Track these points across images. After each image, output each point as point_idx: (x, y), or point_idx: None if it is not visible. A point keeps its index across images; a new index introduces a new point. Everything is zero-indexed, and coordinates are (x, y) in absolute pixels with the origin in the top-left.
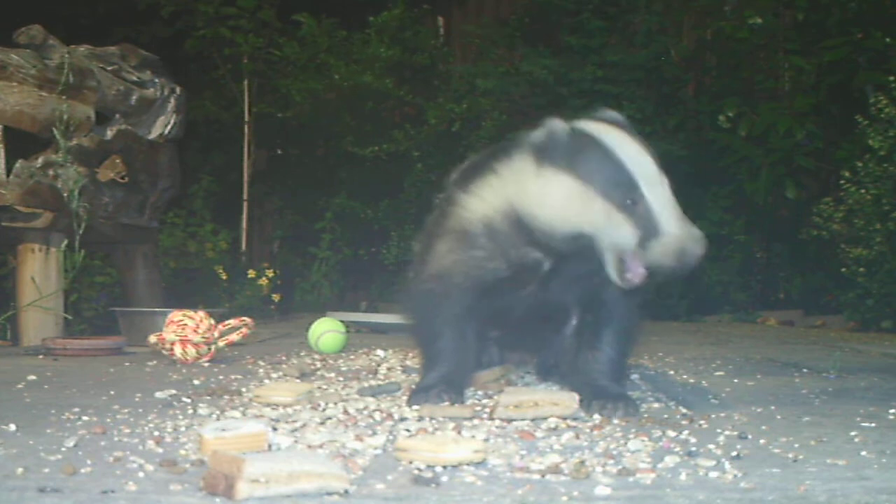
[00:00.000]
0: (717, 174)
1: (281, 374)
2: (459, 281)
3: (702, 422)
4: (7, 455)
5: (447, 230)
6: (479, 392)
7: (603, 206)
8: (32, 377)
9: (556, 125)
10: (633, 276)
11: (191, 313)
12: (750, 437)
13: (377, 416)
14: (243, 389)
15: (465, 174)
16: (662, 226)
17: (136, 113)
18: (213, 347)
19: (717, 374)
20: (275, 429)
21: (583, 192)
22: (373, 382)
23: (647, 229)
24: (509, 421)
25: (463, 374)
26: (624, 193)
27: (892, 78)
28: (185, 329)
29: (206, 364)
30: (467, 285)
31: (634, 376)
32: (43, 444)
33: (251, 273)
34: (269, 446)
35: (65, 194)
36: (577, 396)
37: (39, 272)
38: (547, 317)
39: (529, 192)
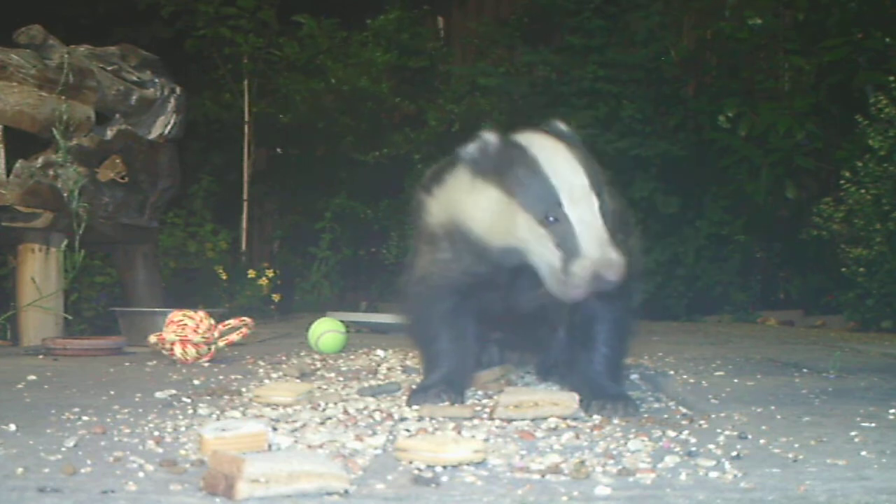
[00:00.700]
0: (717, 174)
1: (281, 374)
2: (439, 282)
3: (702, 422)
4: (7, 455)
5: (420, 232)
6: (479, 392)
7: (526, 220)
8: (32, 377)
9: (488, 137)
10: (573, 292)
11: (191, 313)
12: (750, 437)
13: (377, 416)
14: (243, 389)
15: (432, 178)
16: (579, 246)
17: (136, 113)
18: (213, 347)
19: (717, 374)
20: (275, 429)
21: (507, 205)
22: (373, 382)
23: (567, 248)
24: (509, 421)
25: (463, 374)
26: (545, 209)
27: (892, 78)
28: (185, 329)
29: (206, 364)
30: (445, 286)
31: (634, 376)
32: (43, 444)
33: (251, 273)
34: (269, 446)
35: (65, 194)
36: (577, 396)
37: (39, 272)
38: (538, 316)
39: (463, 204)
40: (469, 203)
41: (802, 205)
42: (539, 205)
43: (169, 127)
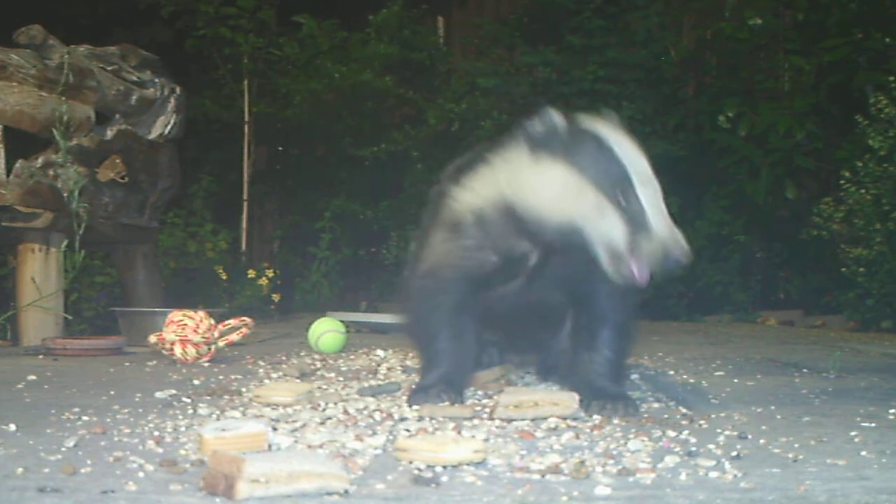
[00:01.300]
0: (717, 174)
1: (281, 374)
2: (450, 274)
3: (702, 422)
4: (7, 455)
5: (439, 222)
6: (479, 392)
7: (595, 199)
8: (32, 377)
9: (555, 116)
10: (636, 275)
11: (191, 313)
12: (750, 437)
13: (377, 416)
14: (243, 389)
15: (459, 169)
16: (651, 226)
17: (136, 113)
18: (213, 347)
19: (717, 374)
20: (275, 429)
21: (577, 183)
22: (373, 382)
23: (636, 227)
24: (509, 421)
25: (462, 374)
26: (617, 189)
27: (892, 78)
28: (185, 329)
29: (206, 364)
30: (458, 277)
31: (634, 376)
32: (43, 444)
33: (251, 273)
34: (269, 446)
35: (65, 194)
36: (577, 396)
37: (39, 272)
38: (542, 317)
39: (523, 180)
40: (530, 179)
41: (802, 205)
42: (611, 185)
43: (169, 127)
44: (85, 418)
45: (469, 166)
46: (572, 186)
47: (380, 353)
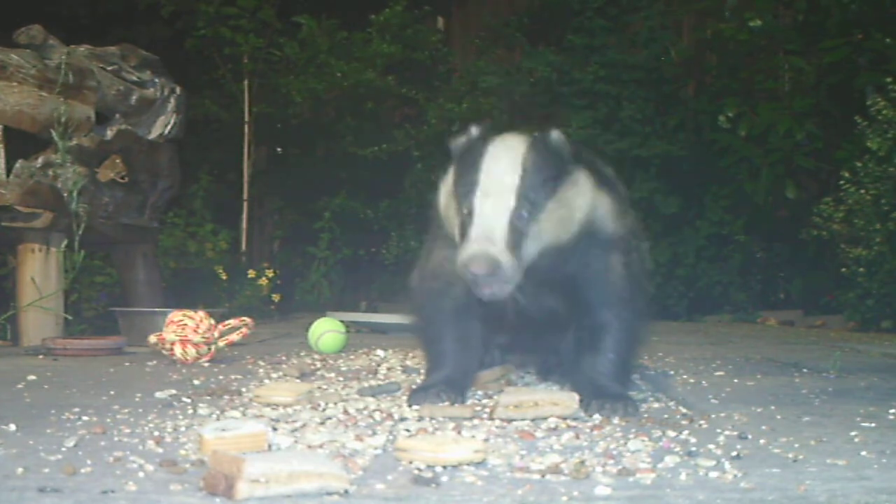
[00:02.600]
0: (717, 174)
1: (281, 374)
2: (449, 278)
3: (702, 422)
4: (7, 455)
5: (437, 227)
6: (479, 392)
7: (455, 210)
8: (32, 377)
9: (472, 131)
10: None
11: (191, 313)
12: (750, 437)
13: (377, 416)
14: (243, 389)
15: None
16: (466, 237)
17: (136, 113)
18: (213, 347)
19: (717, 374)
20: (275, 429)
21: (451, 200)
22: (373, 382)
23: (465, 250)
24: (509, 421)
25: (465, 375)
26: (464, 200)
27: (889, 80)
28: (185, 329)
29: (206, 364)
30: (454, 281)
31: (634, 376)
32: (43, 444)
33: (251, 273)
34: (269, 446)
35: (65, 194)
36: (577, 396)
37: (39, 272)
38: (549, 321)
39: (441, 199)
40: (447, 208)
41: (802, 205)
42: (463, 195)
43: (169, 127)
44: (85, 418)
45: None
46: (451, 206)
47: (380, 353)
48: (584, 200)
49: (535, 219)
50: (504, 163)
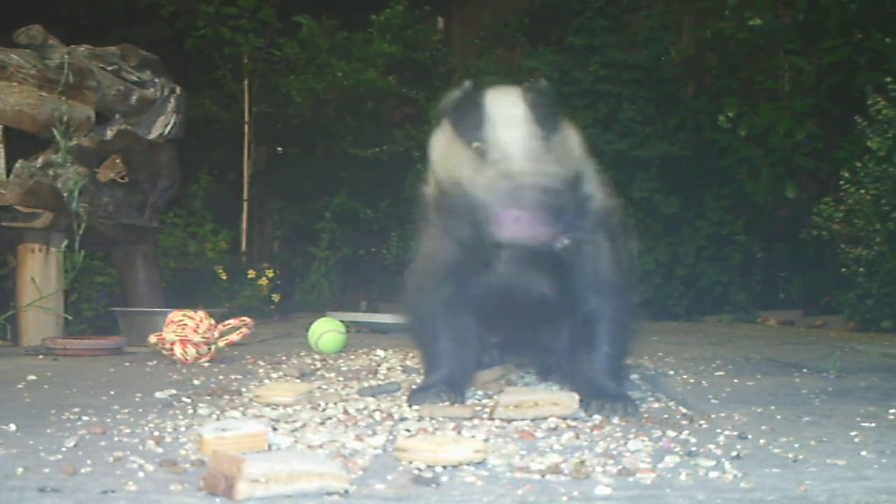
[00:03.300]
0: (717, 174)
1: (281, 374)
2: (436, 269)
3: (702, 422)
4: (7, 455)
5: (422, 221)
6: (479, 392)
7: (468, 155)
8: (32, 377)
9: (462, 88)
10: (504, 228)
11: (191, 313)
12: (750, 437)
13: (377, 416)
14: (243, 389)
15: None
16: (501, 165)
17: (136, 113)
18: (213, 347)
19: (717, 374)
20: (275, 429)
21: (455, 144)
22: (373, 382)
23: (496, 170)
24: (509, 421)
25: (463, 374)
26: (479, 137)
27: (888, 79)
28: (185, 329)
29: (206, 364)
30: (442, 273)
31: (634, 376)
32: (43, 444)
33: (251, 273)
34: (269, 446)
35: (65, 194)
36: (577, 396)
37: (39, 272)
38: (541, 316)
39: (438, 160)
40: (441, 155)
41: (802, 205)
42: (474, 135)
43: (169, 127)
44: (85, 418)
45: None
46: (454, 150)
47: (380, 353)
48: (576, 146)
49: (546, 146)
50: (509, 98)
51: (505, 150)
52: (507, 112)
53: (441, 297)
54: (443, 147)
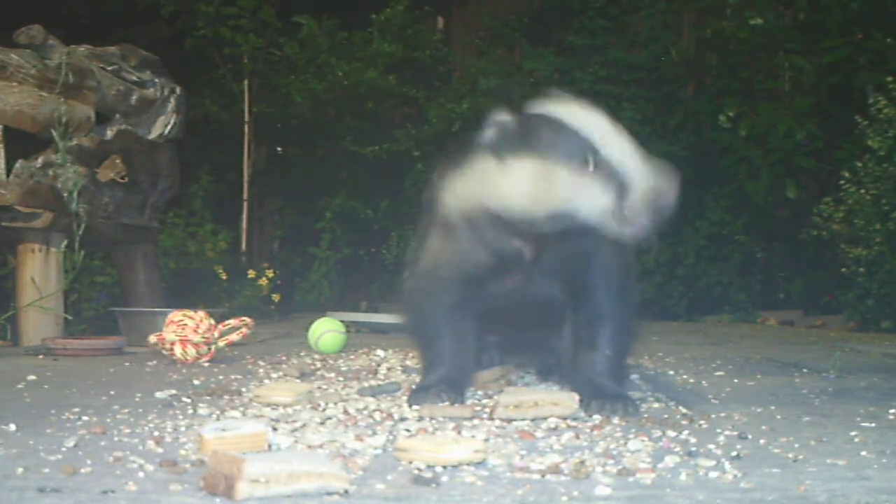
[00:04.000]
0: (717, 174)
1: (281, 374)
2: (447, 273)
3: (702, 422)
4: (7, 455)
5: (435, 223)
6: (479, 392)
7: (568, 174)
8: (32, 377)
9: (502, 117)
10: (637, 230)
11: (191, 313)
12: (750, 437)
13: (377, 416)
14: (243, 389)
15: (447, 171)
16: (628, 179)
17: (136, 113)
18: (213, 347)
19: (717, 374)
20: (275, 429)
21: (546, 168)
22: (373, 382)
23: (617, 185)
24: (509, 421)
25: (463, 374)
26: (583, 157)
27: (889, 79)
28: (185, 329)
29: (206, 364)
30: (455, 277)
31: (634, 376)
32: (43, 444)
33: (251, 273)
34: (269, 446)
35: (65, 194)
36: (577, 396)
37: (39, 272)
38: (543, 317)
39: (497, 187)
40: (503, 184)
41: (802, 205)
42: (576, 154)
43: (169, 127)
44: (85, 418)
45: (455, 170)
46: (543, 174)
47: (380, 353)
48: None
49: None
50: (584, 113)
51: (621, 161)
52: (600, 125)
53: (447, 300)
54: (520, 175)
